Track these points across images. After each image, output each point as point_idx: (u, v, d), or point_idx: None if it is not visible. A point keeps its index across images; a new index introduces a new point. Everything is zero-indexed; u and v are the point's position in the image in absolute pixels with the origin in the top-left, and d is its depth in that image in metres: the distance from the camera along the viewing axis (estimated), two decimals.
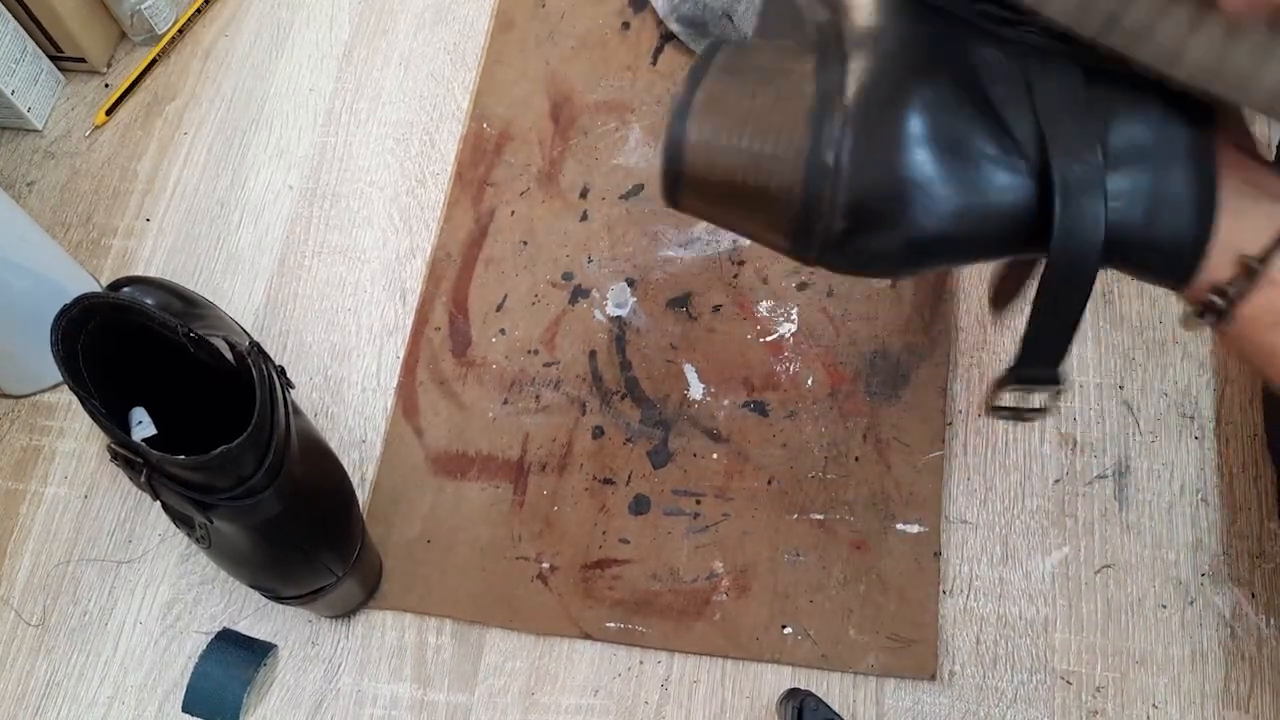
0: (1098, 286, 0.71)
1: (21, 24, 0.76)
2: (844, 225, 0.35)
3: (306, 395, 0.69)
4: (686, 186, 0.38)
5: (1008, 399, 0.38)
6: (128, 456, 0.49)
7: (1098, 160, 0.34)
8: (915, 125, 0.35)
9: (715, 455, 0.64)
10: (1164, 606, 0.59)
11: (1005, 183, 0.34)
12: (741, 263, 0.69)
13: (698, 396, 0.66)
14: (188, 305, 0.66)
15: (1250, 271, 0.34)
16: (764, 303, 0.68)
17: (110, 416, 0.49)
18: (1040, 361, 0.37)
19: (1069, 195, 0.34)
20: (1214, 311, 0.35)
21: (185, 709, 0.59)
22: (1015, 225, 0.35)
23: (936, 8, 0.37)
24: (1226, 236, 0.35)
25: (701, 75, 0.38)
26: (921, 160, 0.34)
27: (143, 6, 0.79)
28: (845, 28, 0.37)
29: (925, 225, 0.35)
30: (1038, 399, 0.38)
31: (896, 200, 0.35)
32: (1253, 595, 0.58)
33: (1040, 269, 0.35)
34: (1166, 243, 0.35)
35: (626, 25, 0.78)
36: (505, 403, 0.67)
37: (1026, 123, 0.35)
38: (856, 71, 0.36)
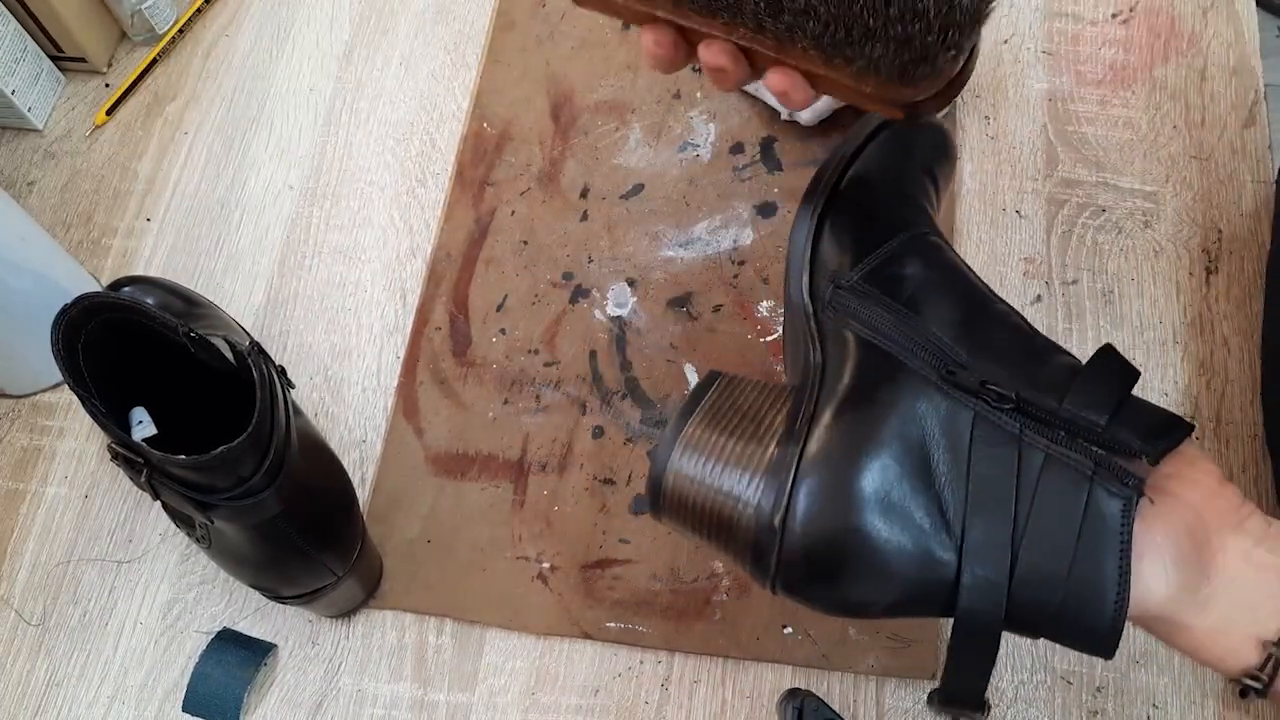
0: (1099, 286, 0.70)
1: (22, 24, 0.76)
2: (790, 571, 0.40)
3: (306, 395, 0.69)
4: (666, 506, 0.43)
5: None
6: (128, 456, 0.49)
7: (1006, 553, 0.37)
8: (865, 491, 0.39)
9: None
10: None
11: (931, 556, 0.38)
12: (742, 263, 0.69)
13: None
14: (188, 305, 0.66)
15: (1273, 657, 0.37)
16: (764, 303, 0.68)
17: (110, 416, 0.49)
18: (961, 695, 0.40)
19: (974, 591, 0.38)
20: (1253, 692, 0.38)
21: (185, 709, 0.59)
22: (937, 591, 0.39)
23: (900, 363, 0.42)
24: (1243, 623, 0.37)
25: (692, 410, 0.43)
26: (866, 524, 0.39)
27: (143, 6, 0.79)
28: (826, 377, 0.43)
29: (862, 580, 0.39)
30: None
31: (839, 556, 0.39)
32: None
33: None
34: (1075, 634, 0.38)
35: (627, 25, 0.78)
36: (505, 403, 0.67)
37: (959, 497, 0.38)
38: (820, 431, 0.40)
